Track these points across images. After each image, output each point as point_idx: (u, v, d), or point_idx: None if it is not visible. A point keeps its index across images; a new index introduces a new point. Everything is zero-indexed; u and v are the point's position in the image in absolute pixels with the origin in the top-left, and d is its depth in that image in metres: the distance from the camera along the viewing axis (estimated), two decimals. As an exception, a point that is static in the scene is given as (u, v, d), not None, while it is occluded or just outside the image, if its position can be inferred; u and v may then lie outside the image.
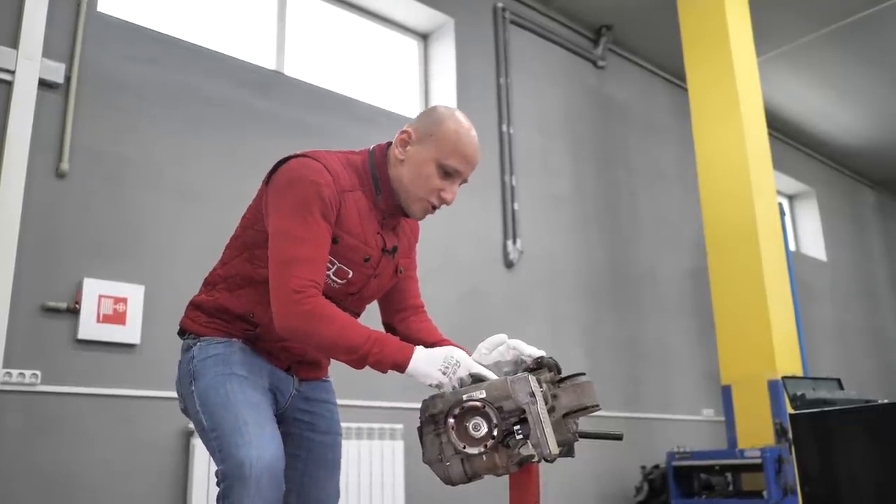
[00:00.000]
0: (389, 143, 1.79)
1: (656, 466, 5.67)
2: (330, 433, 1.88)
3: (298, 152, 1.71)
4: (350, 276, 1.72)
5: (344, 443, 1.98)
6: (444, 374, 1.53)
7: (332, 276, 1.70)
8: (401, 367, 1.55)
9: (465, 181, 1.77)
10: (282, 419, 1.81)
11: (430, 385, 1.54)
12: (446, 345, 1.81)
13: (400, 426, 4.38)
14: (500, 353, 1.64)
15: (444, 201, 1.73)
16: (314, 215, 1.61)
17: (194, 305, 1.80)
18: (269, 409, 1.66)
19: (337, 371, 4.64)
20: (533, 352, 1.62)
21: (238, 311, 1.74)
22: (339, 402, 1.97)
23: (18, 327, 3.36)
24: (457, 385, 1.52)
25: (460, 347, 1.69)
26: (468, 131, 1.72)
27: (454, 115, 1.74)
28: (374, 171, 1.75)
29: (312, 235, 1.60)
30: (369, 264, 1.73)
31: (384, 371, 1.57)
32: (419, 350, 1.56)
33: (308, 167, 1.65)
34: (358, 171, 1.74)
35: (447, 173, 1.70)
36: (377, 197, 1.74)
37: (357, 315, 1.83)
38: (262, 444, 1.51)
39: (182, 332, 1.80)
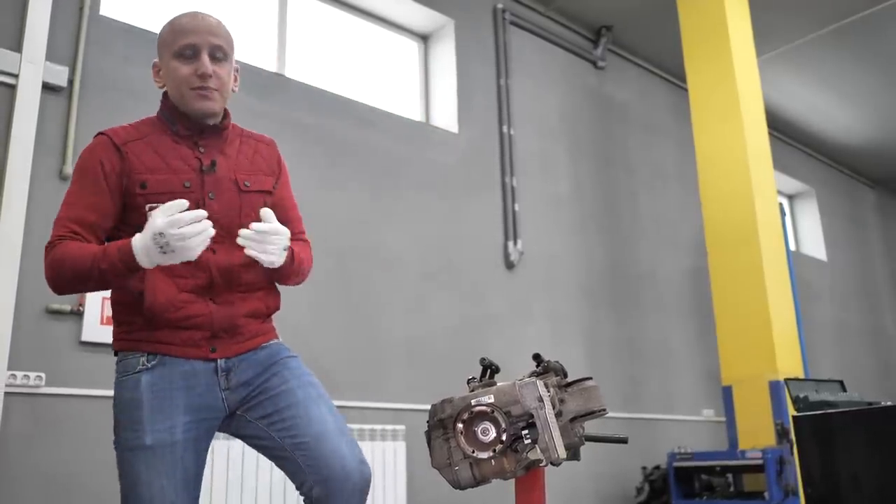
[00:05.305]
0: None
1: (657, 467, 5.68)
2: (287, 382, 1.74)
3: None
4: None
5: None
6: (157, 244, 1.52)
7: None
8: (131, 263, 1.55)
9: (220, 56, 1.77)
10: (234, 428, 1.75)
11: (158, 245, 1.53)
12: None
13: (402, 427, 4.38)
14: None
15: (201, 77, 1.74)
16: (79, 179, 1.73)
17: (112, 317, 1.78)
18: (180, 479, 1.64)
19: (339, 370, 4.62)
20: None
21: (129, 299, 1.71)
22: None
23: (23, 330, 3.37)
24: (166, 234, 1.51)
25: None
26: (179, 16, 1.80)
27: (171, 19, 1.83)
28: (164, 110, 1.82)
29: (73, 196, 1.72)
30: (193, 188, 1.73)
31: (132, 275, 1.60)
32: (136, 237, 1.57)
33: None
34: (153, 122, 1.82)
35: (185, 56, 1.75)
36: (174, 128, 1.79)
37: (249, 257, 1.69)
38: None
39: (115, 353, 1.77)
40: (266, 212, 1.70)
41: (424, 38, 5.95)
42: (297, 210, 1.99)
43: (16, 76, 3.54)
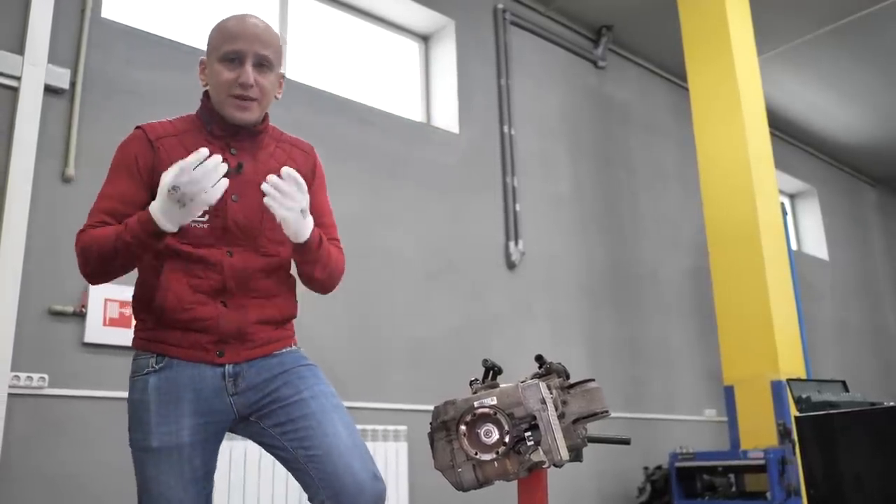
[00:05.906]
0: None
1: (659, 467, 5.68)
2: (300, 393, 1.72)
3: None
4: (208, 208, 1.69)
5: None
6: (173, 199, 1.53)
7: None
8: (152, 228, 1.55)
9: (265, 64, 1.75)
10: (251, 434, 1.74)
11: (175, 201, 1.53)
12: None
13: (404, 428, 4.39)
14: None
15: (242, 86, 1.72)
16: (114, 171, 1.74)
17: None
18: (188, 479, 1.64)
19: (340, 371, 4.63)
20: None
21: (144, 296, 1.72)
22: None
23: (26, 331, 3.38)
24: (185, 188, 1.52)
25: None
26: (228, 18, 1.77)
27: (221, 19, 1.80)
28: (202, 109, 1.82)
29: (108, 187, 1.72)
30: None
31: (157, 243, 1.59)
32: (153, 203, 1.58)
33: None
34: (192, 119, 1.82)
35: (230, 61, 1.73)
36: (209, 128, 1.78)
37: (268, 263, 1.73)
38: None
39: None
40: (288, 170, 1.68)
41: (425, 39, 5.96)
42: (332, 217, 1.97)
43: (18, 79, 3.55)
